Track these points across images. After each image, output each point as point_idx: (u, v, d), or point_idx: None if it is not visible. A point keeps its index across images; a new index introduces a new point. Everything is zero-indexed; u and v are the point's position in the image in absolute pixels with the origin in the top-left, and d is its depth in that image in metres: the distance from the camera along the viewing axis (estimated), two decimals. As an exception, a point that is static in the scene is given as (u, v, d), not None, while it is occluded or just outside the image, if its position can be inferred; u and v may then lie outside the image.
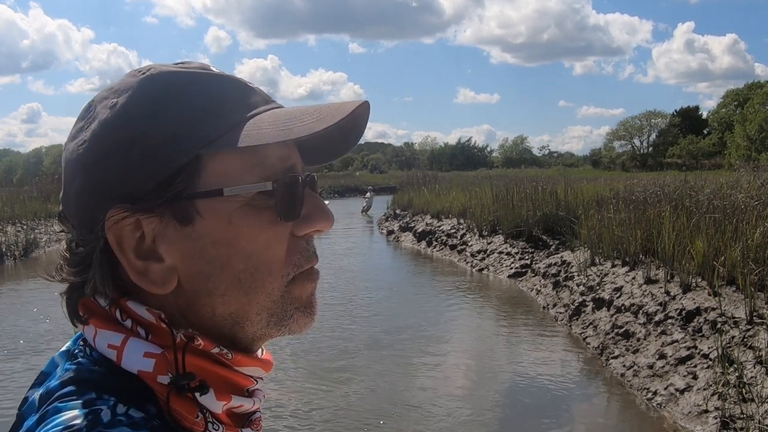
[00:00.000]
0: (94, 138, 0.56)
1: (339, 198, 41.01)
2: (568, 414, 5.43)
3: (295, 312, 0.59)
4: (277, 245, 0.57)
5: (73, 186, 0.57)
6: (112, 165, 0.54)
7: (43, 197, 20.82)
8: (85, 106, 0.59)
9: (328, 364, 6.69)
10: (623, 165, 58.03)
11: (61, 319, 2.96)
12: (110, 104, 0.56)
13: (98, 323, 0.56)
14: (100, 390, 0.51)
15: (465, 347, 7.65)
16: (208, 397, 0.54)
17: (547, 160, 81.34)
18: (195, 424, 0.53)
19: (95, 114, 0.57)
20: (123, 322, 0.55)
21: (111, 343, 0.54)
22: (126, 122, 0.55)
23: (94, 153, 0.55)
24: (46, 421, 0.49)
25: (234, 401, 0.57)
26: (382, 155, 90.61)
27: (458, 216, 15.61)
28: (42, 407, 0.51)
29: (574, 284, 8.71)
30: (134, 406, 0.51)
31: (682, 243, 6.86)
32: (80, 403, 0.50)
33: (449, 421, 5.19)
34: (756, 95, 47.27)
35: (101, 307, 0.57)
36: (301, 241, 0.59)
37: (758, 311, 5.34)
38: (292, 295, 0.59)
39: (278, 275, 0.57)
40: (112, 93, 0.57)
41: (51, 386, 0.53)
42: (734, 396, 4.66)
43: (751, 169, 14.49)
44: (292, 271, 0.58)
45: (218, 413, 0.55)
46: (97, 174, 0.55)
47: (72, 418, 0.48)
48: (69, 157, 0.58)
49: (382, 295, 10.46)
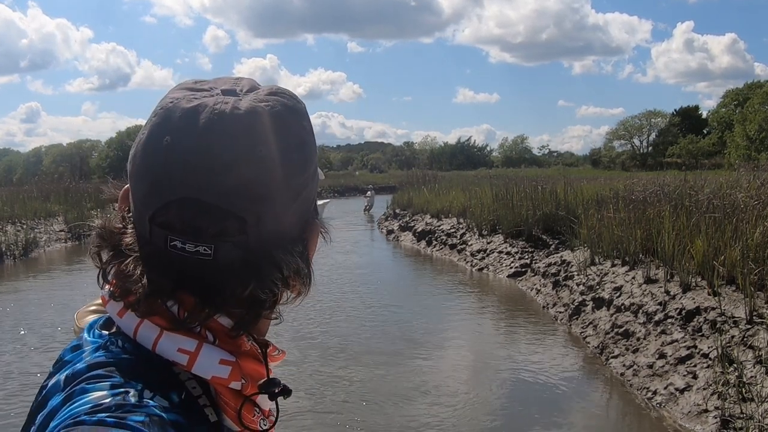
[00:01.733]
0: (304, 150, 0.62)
1: (339, 198, 41.00)
2: (568, 413, 5.43)
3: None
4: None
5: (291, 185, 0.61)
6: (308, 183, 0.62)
7: (43, 197, 20.80)
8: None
9: (327, 362, 6.69)
10: (623, 164, 58.03)
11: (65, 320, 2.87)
12: (305, 123, 0.63)
13: (164, 323, 0.56)
14: (128, 375, 0.52)
15: (464, 347, 7.65)
16: (262, 397, 0.59)
17: (547, 160, 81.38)
18: (251, 422, 0.57)
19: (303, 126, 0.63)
20: (191, 325, 0.56)
21: (182, 347, 0.55)
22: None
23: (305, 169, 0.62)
24: (73, 400, 0.50)
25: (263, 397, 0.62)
26: (381, 155, 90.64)
27: (458, 215, 15.62)
28: (68, 388, 0.52)
29: (573, 284, 8.71)
30: (159, 393, 0.52)
31: (682, 242, 6.86)
32: (108, 385, 0.51)
33: (449, 421, 5.19)
34: (756, 95, 47.24)
35: (163, 306, 0.56)
36: None
37: (758, 311, 5.34)
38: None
39: None
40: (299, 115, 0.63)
41: (78, 368, 0.54)
42: (734, 395, 4.66)
43: (751, 169, 14.47)
44: None
45: (265, 410, 0.60)
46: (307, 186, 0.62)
47: (100, 398, 0.49)
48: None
49: (381, 295, 10.45)
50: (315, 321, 8.46)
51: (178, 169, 0.53)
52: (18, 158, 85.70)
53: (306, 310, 9.27)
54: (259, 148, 0.54)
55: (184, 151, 0.53)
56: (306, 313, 9.07)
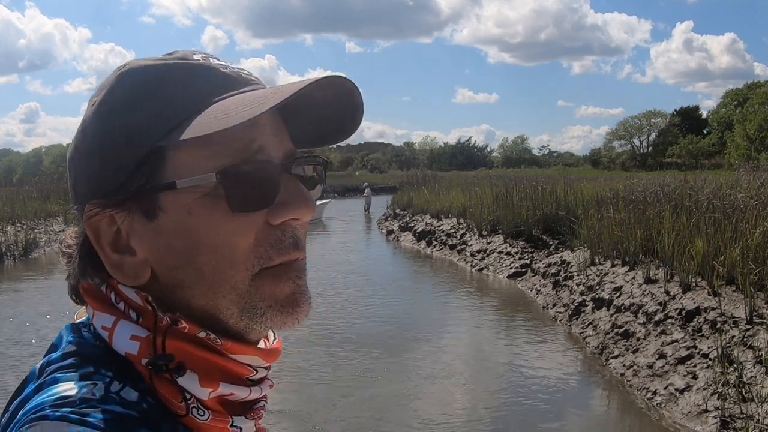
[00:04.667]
0: (77, 136, 0.58)
1: (339, 198, 41.00)
2: (568, 413, 5.43)
3: (268, 310, 0.56)
4: (241, 236, 0.54)
5: (69, 182, 0.60)
6: (89, 161, 0.56)
7: (43, 197, 20.81)
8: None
9: (326, 361, 6.69)
10: (623, 165, 58.04)
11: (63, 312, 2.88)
12: (91, 102, 0.58)
13: (95, 304, 0.57)
14: (99, 365, 0.52)
15: (464, 347, 7.65)
16: (189, 382, 0.54)
17: (547, 160, 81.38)
18: (178, 407, 0.53)
19: (84, 113, 0.59)
20: (117, 304, 0.57)
21: (104, 324, 0.56)
22: (100, 119, 0.56)
23: (77, 150, 0.58)
24: (42, 391, 0.50)
25: (222, 389, 0.56)
26: (381, 155, 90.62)
27: (458, 216, 15.61)
28: (42, 376, 0.53)
29: (573, 284, 8.71)
30: (129, 384, 0.51)
31: (682, 243, 6.86)
32: (77, 376, 0.51)
33: (448, 421, 5.19)
34: (755, 95, 47.26)
35: (98, 289, 0.58)
36: (275, 231, 0.56)
37: (758, 311, 5.34)
38: (261, 292, 0.56)
39: (242, 267, 0.55)
40: (98, 91, 0.59)
41: (53, 357, 0.54)
42: (734, 396, 4.66)
43: (751, 169, 14.48)
44: (257, 264, 0.55)
45: (204, 399, 0.55)
46: (78, 170, 0.58)
47: (66, 390, 0.49)
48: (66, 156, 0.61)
49: (380, 295, 10.45)
50: (312, 321, 8.45)
51: None
52: (18, 158, 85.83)
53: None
54: None
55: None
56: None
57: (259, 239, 0.55)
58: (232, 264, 0.55)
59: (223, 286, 0.55)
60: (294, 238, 0.57)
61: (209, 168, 0.54)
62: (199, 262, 0.55)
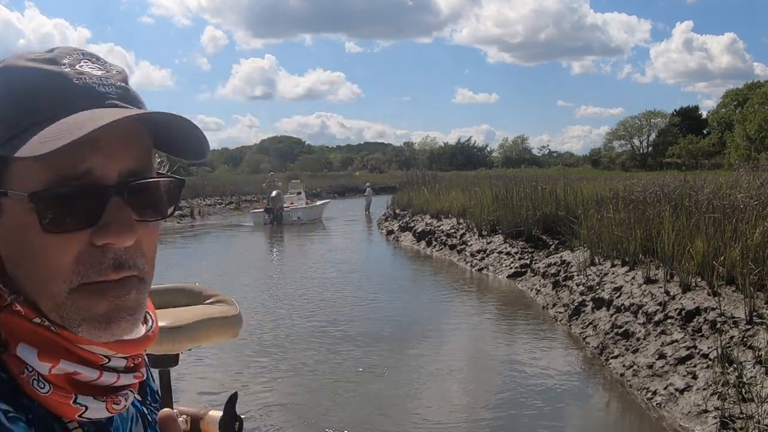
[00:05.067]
0: None
1: (339, 198, 41.01)
2: (568, 414, 5.44)
3: (83, 323, 0.58)
4: (59, 252, 0.57)
5: None
6: None
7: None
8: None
9: (328, 358, 6.69)
10: (623, 165, 58.00)
11: None
12: None
13: None
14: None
15: (464, 347, 7.65)
16: (29, 356, 0.57)
17: (547, 160, 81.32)
18: (21, 380, 0.57)
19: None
20: None
21: None
22: None
23: None
24: None
25: (64, 365, 0.58)
26: (381, 155, 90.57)
27: (458, 216, 15.61)
28: None
29: (573, 284, 8.71)
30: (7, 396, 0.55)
31: (682, 243, 6.86)
32: None
33: (448, 421, 5.19)
34: (755, 95, 47.25)
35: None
36: (96, 251, 0.57)
37: (758, 311, 5.34)
38: (78, 305, 0.58)
39: (59, 280, 0.57)
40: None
41: None
42: (734, 396, 4.66)
43: (751, 169, 14.48)
44: (76, 280, 0.57)
45: (45, 374, 0.58)
46: None
47: None
48: None
49: (379, 295, 10.46)
50: (313, 321, 8.46)
51: None
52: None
53: (300, 314, 9.27)
54: None
55: None
56: (302, 317, 9.10)
57: (81, 257, 0.57)
58: (48, 276, 0.57)
59: (43, 293, 0.58)
60: (116, 260, 0.58)
61: (29, 186, 0.56)
62: (24, 266, 0.58)
